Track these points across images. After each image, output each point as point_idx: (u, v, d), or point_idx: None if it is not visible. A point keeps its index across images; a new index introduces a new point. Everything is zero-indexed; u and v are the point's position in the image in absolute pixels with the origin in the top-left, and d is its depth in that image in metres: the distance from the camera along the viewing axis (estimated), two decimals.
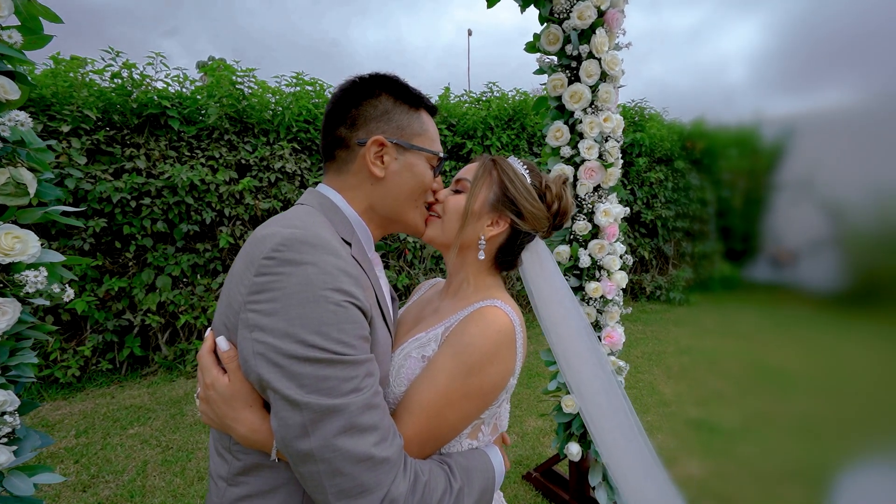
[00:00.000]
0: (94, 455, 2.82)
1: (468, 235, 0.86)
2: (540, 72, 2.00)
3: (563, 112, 1.97)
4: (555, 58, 1.97)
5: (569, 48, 1.86)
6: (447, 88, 5.91)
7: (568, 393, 2.03)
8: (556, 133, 1.94)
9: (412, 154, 0.81)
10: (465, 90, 6.29)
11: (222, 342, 0.67)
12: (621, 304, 2.05)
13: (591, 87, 1.87)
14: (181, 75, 4.32)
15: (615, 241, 2.00)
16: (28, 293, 0.98)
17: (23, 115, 0.96)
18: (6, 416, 0.96)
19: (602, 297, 1.97)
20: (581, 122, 1.88)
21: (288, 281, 0.60)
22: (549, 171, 1.96)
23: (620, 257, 2.08)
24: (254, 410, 0.65)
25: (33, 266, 1.00)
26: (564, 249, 1.96)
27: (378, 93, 0.80)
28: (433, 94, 6.01)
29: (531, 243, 0.91)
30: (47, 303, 1.05)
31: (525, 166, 0.90)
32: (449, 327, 0.79)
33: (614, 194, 2.03)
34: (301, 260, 0.61)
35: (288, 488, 0.66)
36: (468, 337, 0.73)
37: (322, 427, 0.57)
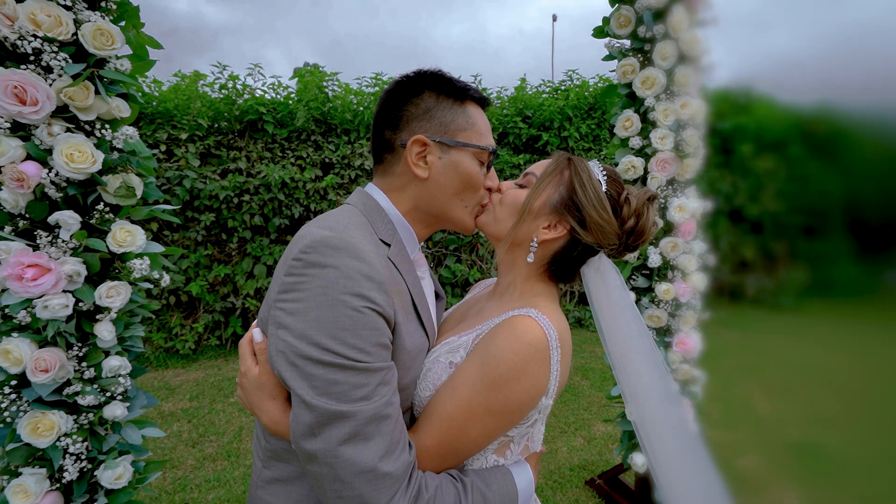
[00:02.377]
0: (203, 417, 3.28)
1: (521, 233, 0.80)
2: (609, 58, 1.89)
3: (635, 100, 1.84)
4: (627, 41, 1.84)
5: (641, 30, 1.73)
6: (523, 79, 5.78)
7: None
8: (626, 123, 1.81)
9: (457, 151, 0.78)
10: (543, 80, 6.10)
11: (257, 334, 0.71)
12: (699, 307, 1.87)
13: (666, 70, 1.72)
14: (275, 83, 4.77)
15: (693, 240, 1.83)
16: (135, 278, 1.18)
17: (131, 130, 1.15)
18: (120, 378, 1.17)
19: (675, 299, 1.81)
20: (654, 109, 1.74)
21: (311, 283, 0.61)
22: (616, 164, 1.85)
23: (700, 257, 1.89)
24: (276, 403, 0.67)
25: (139, 256, 1.19)
26: None
27: (421, 90, 0.78)
28: (509, 87, 5.93)
29: (594, 259, 0.83)
30: (151, 286, 1.25)
31: (604, 172, 0.82)
32: (480, 334, 0.75)
33: (693, 188, 1.85)
34: (324, 263, 0.61)
35: None
36: (494, 348, 0.69)
37: (328, 431, 0.58)
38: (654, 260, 1.77)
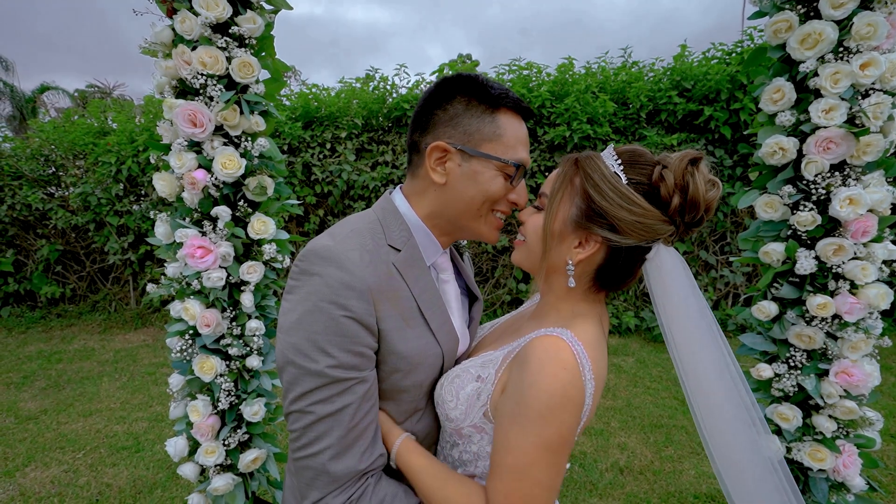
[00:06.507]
0: None
1: (553, 260, 0.75)
2: (758, 15, 1.53)
3: (791, 66, 1.46)
4: None
5: None
6: (683, 46, 5.00)
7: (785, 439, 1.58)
8: (775, 94, 1.46)
9: (478, 161, 0.75)
10: (713, 43, 5.18)
11: None
12: (878, 331, 1.43)
13: (837, 22, 1.32)
14: (420, 79, 5.15)
15: (872, 241, 1.39)
16: (266, 259, 1.48)
17: (264, 140, 1.43)
18: (255, 337, 1.50)
19: (836, 317, 1.42)
20: (816, 74, 1.36)
21: (301, 289, 0.68)
22: (760, 146, 1.51)
23: (887, 265, 1.44)
24: None
25: (269, 242, 1.49)
26: (776, 249, 1.49)
27: (453, 95, 0.77)
28: (666, 56, 5.20)
29: (652, 253, 0.73)
30: (280, 265, 1.55)
31: (619, 161, 0.70)
32: (512, 351, 0.73)
33: (878, 172, 1.40)
34: (311, 271, 0.68)
35: None
36: (527, 385, 0.65)
37: (291, 417, 0.68)
38: (805, 265, 1.40)
